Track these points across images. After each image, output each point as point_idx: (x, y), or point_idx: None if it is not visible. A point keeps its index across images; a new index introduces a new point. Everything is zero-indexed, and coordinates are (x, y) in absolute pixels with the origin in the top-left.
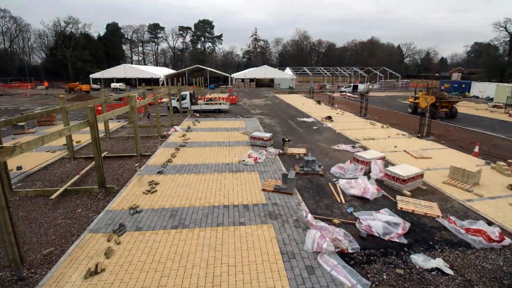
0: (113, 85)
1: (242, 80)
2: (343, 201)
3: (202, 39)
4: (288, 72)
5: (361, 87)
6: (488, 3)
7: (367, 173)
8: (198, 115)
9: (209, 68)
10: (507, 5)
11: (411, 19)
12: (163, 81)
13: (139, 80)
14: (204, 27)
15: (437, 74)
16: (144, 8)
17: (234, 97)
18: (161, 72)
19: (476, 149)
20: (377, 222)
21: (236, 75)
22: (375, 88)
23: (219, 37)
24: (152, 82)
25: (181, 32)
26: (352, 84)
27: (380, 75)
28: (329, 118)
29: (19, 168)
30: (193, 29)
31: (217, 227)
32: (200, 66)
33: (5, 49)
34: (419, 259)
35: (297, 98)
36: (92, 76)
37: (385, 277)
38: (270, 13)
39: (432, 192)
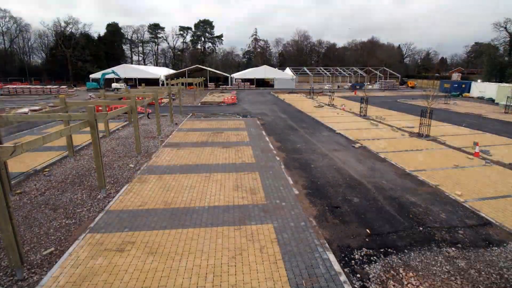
0: (113, 85)
1: (242, 80)
2: None
3: (202, 39)
4: (288, 72)
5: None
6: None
7: None
8: (202, 115)
9: (209, 68)
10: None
11: (411, 19)
12: (163, 81)
13: (139, 80)
14: (204, 27)
15: (437, 74)
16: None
17: (233, 97)
18: (161, 72)
19: (477, 150)
20: None
21: (236, 75)
22: (375, 88)
23: (219, 37)
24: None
25: (181, 32)
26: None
27: (380, 75)
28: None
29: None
30: (193, 29)
31: (217, 227)
32: (200, 66)
33: (5, 49)
34: None
35: (296, 98)
36: (92, 76)
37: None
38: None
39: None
